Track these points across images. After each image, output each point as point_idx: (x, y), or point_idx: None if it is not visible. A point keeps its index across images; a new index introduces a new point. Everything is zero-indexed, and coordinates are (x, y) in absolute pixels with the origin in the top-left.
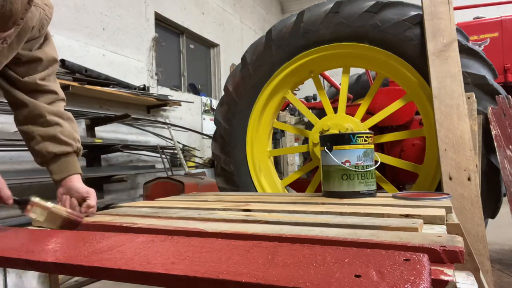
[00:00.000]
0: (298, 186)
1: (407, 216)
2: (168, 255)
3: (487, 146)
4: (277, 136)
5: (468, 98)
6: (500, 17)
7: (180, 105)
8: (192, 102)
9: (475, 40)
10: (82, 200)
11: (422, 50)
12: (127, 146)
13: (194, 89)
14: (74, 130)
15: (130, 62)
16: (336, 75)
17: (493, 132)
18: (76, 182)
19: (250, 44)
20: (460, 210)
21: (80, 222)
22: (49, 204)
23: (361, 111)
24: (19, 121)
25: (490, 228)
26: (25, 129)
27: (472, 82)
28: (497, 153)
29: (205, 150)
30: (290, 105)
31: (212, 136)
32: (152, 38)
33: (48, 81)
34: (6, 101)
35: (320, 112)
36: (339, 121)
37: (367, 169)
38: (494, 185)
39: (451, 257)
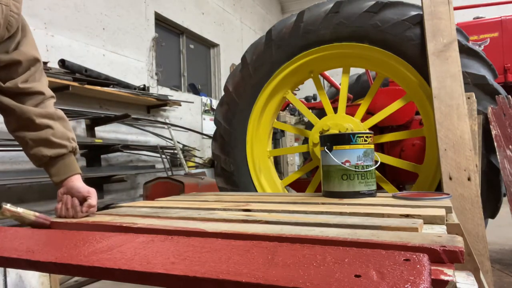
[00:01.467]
0: (298, 186)
1: (407, 216)
2: (168, 255)
3: (487, 146)
4: (277, 136)
5: (468, 98)
6: (500, 17)
7: (180, 105)
8: (192, 102)
9: (475, 40)
10: (83, 199)
11: (422, 50)
12: (127, 146)
13: (194, 89)
14: (67, 129)
15: (130, 62)
16: (336, 75)
17: (493, 132)
18: (77, 182)
19: (250, 44)
20: (460, 210)
21: (48, 224)
22: (19, 210)
23: (361, 111)
24: (10, 128)
25: (490, 228)
26: (17, 135)
27: (472, 82)
28: (497, 153)
29: (205, 150)
30: (290, 105)
31: (212, 136)
32: (152, 38)
33: (32, 81)
34: None
35: (320, 112)
36: (339, 121)
37: (367, 169)
38: (494, 185)
39: (451, 257)
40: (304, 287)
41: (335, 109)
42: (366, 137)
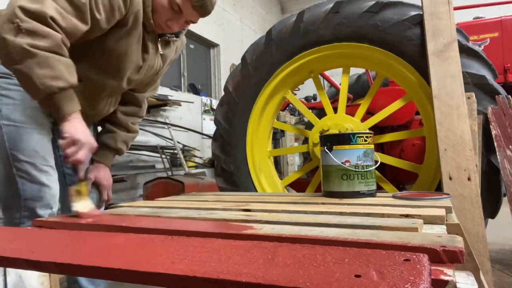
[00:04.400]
0: (298, 186)
1: (407, 216)
2: (168, 255)
3: (487, 146)
4: (277, 136)
5: (468, 98)
6: (500, 17)
7: (180, 105)
8: (192, 102)
9: (475, 40)
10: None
11: (422, 50)
12: None
13: (194, 89)
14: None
15: None
16: (336, 75)
17: (493, 132)
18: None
19: (250, 44)
20: (460, 210)
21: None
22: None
23: (361, 111)
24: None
25: (490, 228)
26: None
27: (472, 82)
28: (497, 153)
29: (205, 150)
30: (290, 105)
31: (212, 136)
32: None
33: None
34: None
35: (320, 112)
36: (339, 121)
37: (367, 169)
38: (494, 185)
39: (451, 257)
40: (304, 287)
41: (335, 109)
42: (366, 137)
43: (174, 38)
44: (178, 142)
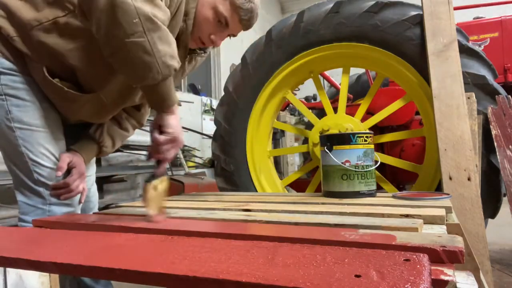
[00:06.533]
0: (298, 186)
1: (407, 216)
2: (168, 255)
3: (487, 146)
4: (277, 136)
5: (468, 98)
6: (500, 17)
7: (180, 105)
8: (192, 102)
9: (475, 40)
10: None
11: (422, 50)
12: (127, 146)
13: (194, 89)
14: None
15: None
16: (336, 75)
17: (493, 132)
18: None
19: (250, 44)
20: (460, 210)
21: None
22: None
23: (361, 111)
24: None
25: (490, 228)
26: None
27: (472, 82)
28: (497, 153)
29: (205, 150)
30: (290, 105)
31: (212, 136)
32: None
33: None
34: None
35: (320, 112)
36: (339, 121)
37: (367, 169)
38: (494, 185)
39: (451, 257)
40: (304, 287)
41: (335, 109)
42: (366, 137)
43: (203, 54)
44: None
